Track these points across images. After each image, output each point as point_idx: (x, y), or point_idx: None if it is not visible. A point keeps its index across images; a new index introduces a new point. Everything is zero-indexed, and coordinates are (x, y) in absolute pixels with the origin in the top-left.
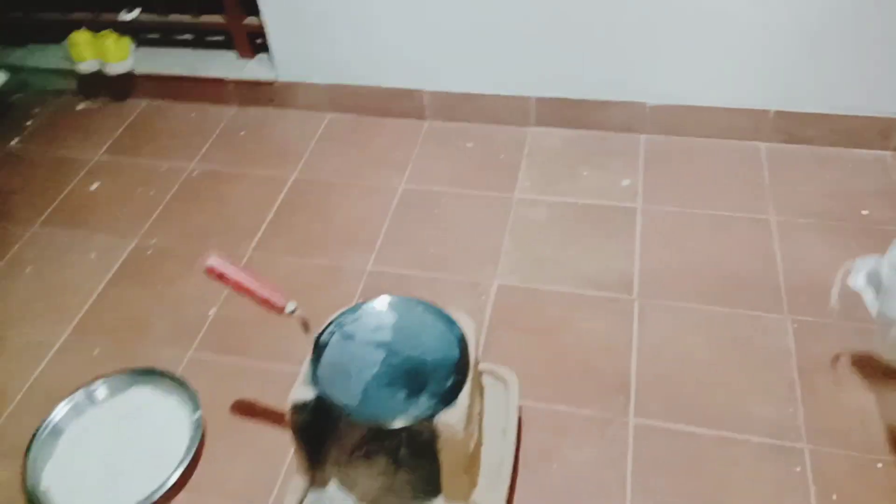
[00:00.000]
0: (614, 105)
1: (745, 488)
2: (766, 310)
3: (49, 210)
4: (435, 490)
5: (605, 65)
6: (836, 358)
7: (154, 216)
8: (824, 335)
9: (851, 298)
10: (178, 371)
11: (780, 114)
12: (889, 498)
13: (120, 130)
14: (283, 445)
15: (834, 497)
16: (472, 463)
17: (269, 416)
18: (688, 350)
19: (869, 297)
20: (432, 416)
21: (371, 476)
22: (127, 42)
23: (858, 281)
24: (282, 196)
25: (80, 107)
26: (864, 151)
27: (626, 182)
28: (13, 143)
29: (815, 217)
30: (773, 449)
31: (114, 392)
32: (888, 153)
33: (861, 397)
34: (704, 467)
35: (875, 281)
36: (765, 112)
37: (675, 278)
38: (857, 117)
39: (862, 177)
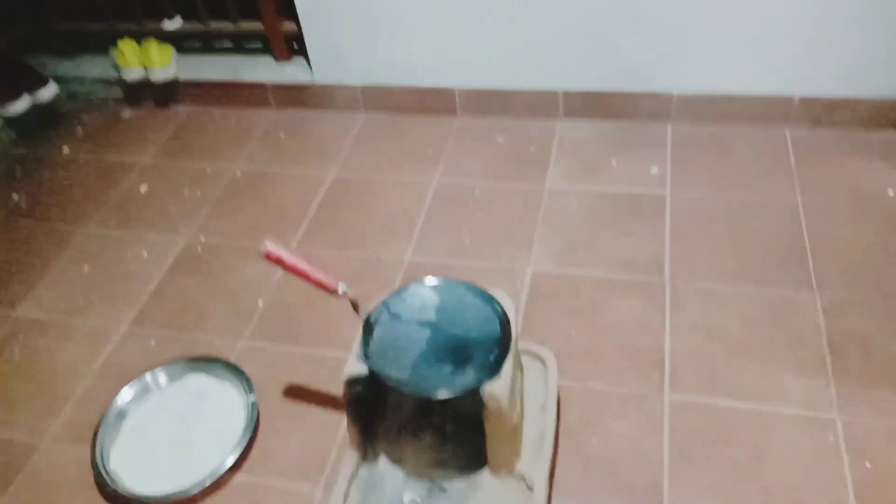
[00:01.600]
0: (641, 96)
1: (779, 457)
2: (795, 288)
3: (101, 211)
4: (481, 462)
5: (631, 57)
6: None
7: (203, 214)
8: (853, 311)
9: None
10: (233, 358)
11: (804, 100)
12: None
13: (166, 135)
14: (334, 425)
15: (868, 465)
16: (515, 435)
17: (320, 398)
18: (720, 328)
19: None
20: (478, 387)
21: (420, 450)
22: (169, 49)
23: None
24: (322, 193)
25: (127, 114)
26: (891, 133)
27: (654, 170)
28: (65, 149)
29: (842, 200)
30: (807, 420)
31: (173, 378)
32: None
33: (890, 365)
34: (739, 438)
35: None
36: (789, 98)
37: (705, 260)
38: (881, 100)
39: (888, 158)
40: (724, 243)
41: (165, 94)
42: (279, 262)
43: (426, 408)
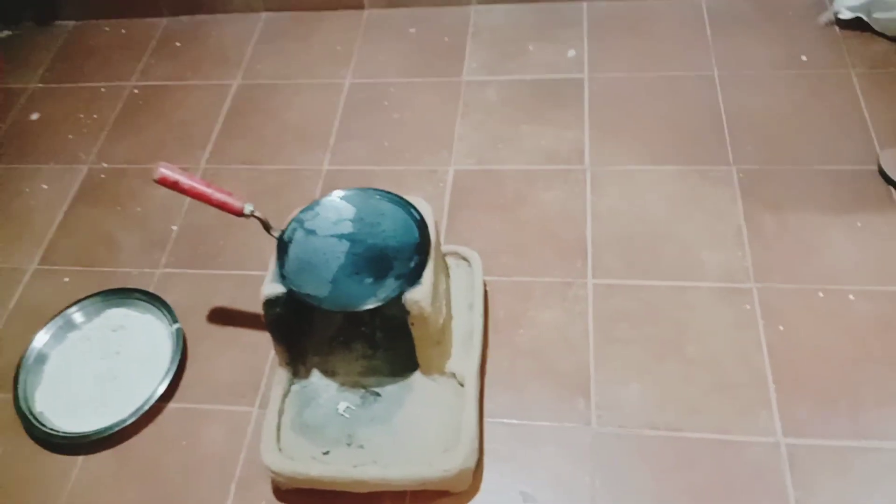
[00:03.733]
0: None
1: (700, 329)
2: (713, 163)
3: None
4: (412, 365)
5: None
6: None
7: (102, 138)
8: (767, 181)
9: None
10: (151, 287)
11: None
12: (829, 322)
13: (51, 54)
14: (264, 344)
15: (781, 328)
16: (443, 336)
17: (247, 319)
18: (640, 210)
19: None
20: (400, 295)
21: (351, 360)
22: None
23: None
24: (228, 103)
25: (4, 34)
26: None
27: (572, 53)
28: None
29: (756, 68)
30: (725, 291)
31: (90, 315)
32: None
33: (803, 231)
34: (662, 314)
35: None
36: None
37: (625, 143)
38: None
39: (799, 25)
40: (644, 122)
41: (46, 8)
42: (175, 186)
43: (354, 319)
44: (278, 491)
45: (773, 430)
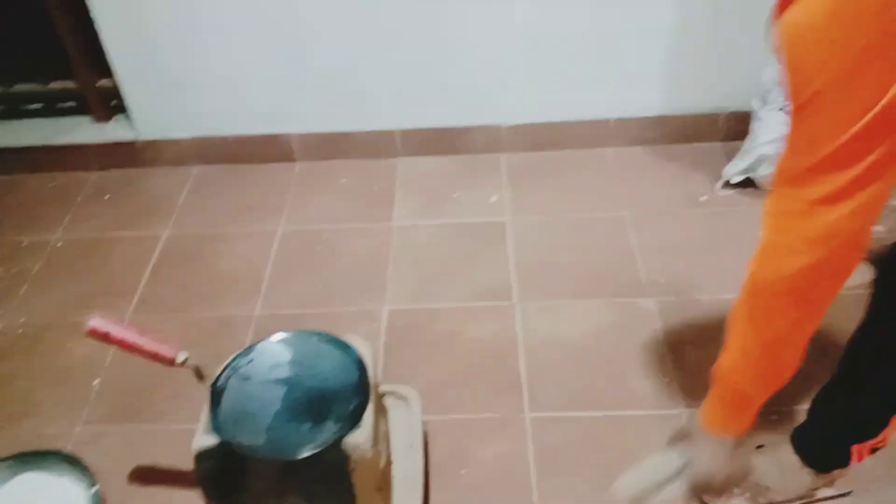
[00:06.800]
0: (474, 129)
1: (639, 454)
2: (633, 296)
3: None
4: None
5: (460, 93)
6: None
7: (21, 293)
8: (685, 310)
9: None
10: (69, 447)
11: (619, 121)
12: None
13: None
14: (193, 502)
15: None
16: (384, 482)
17: (174, 477)
18: (569, 342)
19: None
20: (339, 439)
21: None
22: None
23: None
24: (157, 254)
25: None
26: (697, 145)
27: (494, 198)
28: None
29: (661, 207)
30: (658, 418)
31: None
32: (718, 144)
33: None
34: (600, 444)
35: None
36: (606, 121)
37: (549, 279)
38: (686, 115)
39: (698, 168)
40: (565, 260)
41: None
42: (106, 338)
43: (289, 470)
44: None
45: None
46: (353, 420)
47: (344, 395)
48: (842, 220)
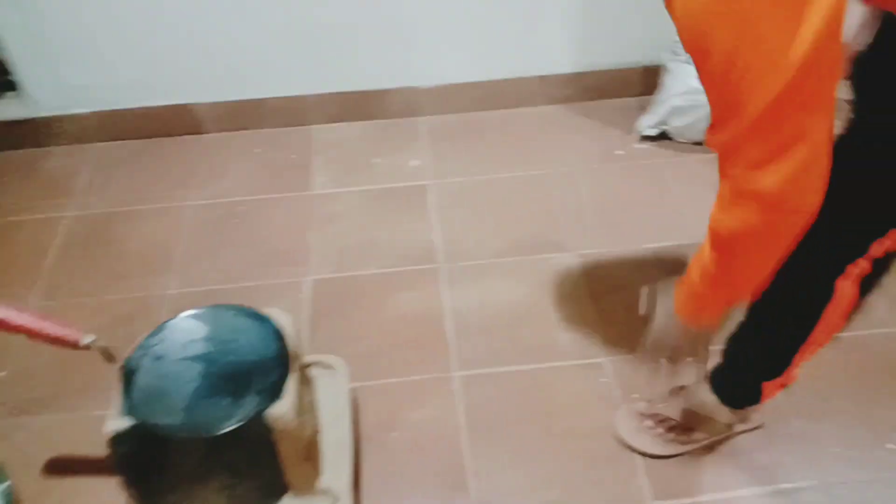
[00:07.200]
0: (391, 92)
1: (566, 404)
2: (556, 250)
3: None
4: (281, 489)
5: (370, 55)
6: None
7: None
8: (604, 262)
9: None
10: None
11: (536, 79)
12: None
13: None
14: (112, 490)
15: (635, 395)
16: (311, 452)
17: (91, 465)
18: (494, 301)
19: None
20: (261, 412)
21: (213, 493)
22: None
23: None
24: (60, 237)
25: None
26: (614, 101)
27: (414, 162)
28: None
29: (579, 164)
30: (582, 367)
31: None
32: (634, 99)
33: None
34: (529, 396)
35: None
36: (522, 80)
37: (471, 240)
38: (601, 71)
39: (615, 124)
40: (487, 220)
41: None
42: (4, 325)
43: (211, 447)
44: None
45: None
46: (275, 392)
47: (264, 368)
48: (775, 184)
